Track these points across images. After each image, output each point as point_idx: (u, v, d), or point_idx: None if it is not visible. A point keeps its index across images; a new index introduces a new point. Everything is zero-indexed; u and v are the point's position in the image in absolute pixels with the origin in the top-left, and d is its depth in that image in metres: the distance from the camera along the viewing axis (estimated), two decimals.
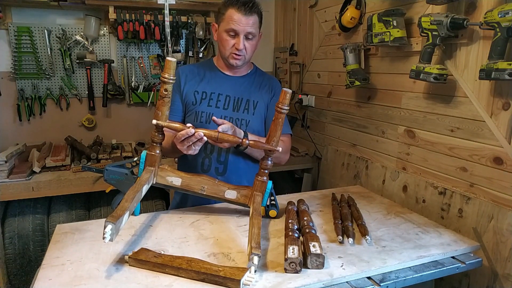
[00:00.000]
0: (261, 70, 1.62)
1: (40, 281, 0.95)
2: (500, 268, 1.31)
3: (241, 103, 1.49)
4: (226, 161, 1.48)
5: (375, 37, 1.71)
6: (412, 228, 1.29)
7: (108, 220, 0.93)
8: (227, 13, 1.39)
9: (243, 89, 1.51)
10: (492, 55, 1.22)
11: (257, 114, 1.50)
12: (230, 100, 1.49)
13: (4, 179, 1.93)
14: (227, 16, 1.39)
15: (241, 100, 1.49)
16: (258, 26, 1.43)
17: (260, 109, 1.51)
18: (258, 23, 1.42)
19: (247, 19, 1.37)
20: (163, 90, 1.17)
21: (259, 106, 1.51)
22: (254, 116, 1.50)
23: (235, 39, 1.40)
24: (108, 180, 1.28)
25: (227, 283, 0.92)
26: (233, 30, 1.38)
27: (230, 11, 1.38)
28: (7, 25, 2.33)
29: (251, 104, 1.50)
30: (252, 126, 1.49)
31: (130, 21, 2.40)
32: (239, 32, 1.38)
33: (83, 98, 2.59)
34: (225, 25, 1.39)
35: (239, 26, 1.37)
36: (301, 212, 1.28)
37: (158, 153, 1.25)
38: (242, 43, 1.39)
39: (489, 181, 1.37)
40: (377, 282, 1.00)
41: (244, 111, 1.49)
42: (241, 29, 1.37)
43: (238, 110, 1.49)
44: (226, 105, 1.48)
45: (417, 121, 1.68)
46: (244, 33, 1.39)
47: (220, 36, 1.43)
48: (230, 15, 1.38)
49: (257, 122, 1.51)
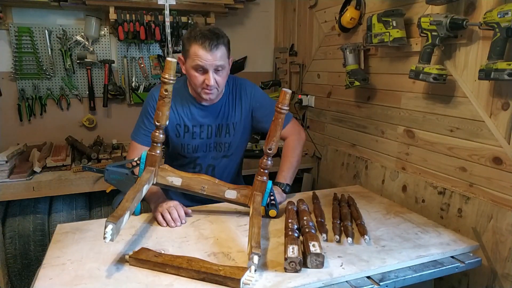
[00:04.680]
0: (233, 81, 1.55)
1: (41, 280, 0.95)
2: (500, 267, 1.31)
3: (222, 128, 1.52)
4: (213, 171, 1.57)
5: (374, 38, 1.71)
6: (411, 227, 1.29)
7: (108, 220, 0.93)
8: (192, 50, 1.31)
9: (220, 114, 1.51)
10: (491, 55, 1.23)
11: (237, 133, 1.54)
12: (212, 129, 1.50)
13: (5, 179, 1.93)
14: (192, 52, 1.31)
15: (221, 125, 1.51)
16: (226, 56, 1.36)
17: (240, 126, 1.54)
18: (226, 53, 1.35)
19: (213, 54, 1.30)
20: (164, 91, 1.17)
21: (238, 126, 1.53)
22: (234, 136, 1.54)
23: (204, 75, 1.34)
24: (109, 180, 1.28)
25: (227, 282, 0.93)
26: (200, 66, 1.32)
27: (194, 47, 1.30)
28: (7, 25, 2.33)
29: (231, 126, 1.53)
30: (234, 144, 1.56)
31: (131, 21, 2.40)
32: (207, 68, 1.32)
33: (84, 98, 2.59)
34: (191, 61, 1.33)
35: (206, 62, 1.30)
36: (301, 212, 1.28)
37: (158, 153, 1.25)
38: (212, 79, 1.33)
39: (489, 181, 1.38)
40: (377, 281, 1.00)
41: (226, 135, 1.53)
42: (209, 64, 1.31)
43: (220, 135, 1.52)
44: (209, 135, 1.51)
45: (416, 121, 1.68)
46: (213, 68, 1.33)
47: (188, 72, 1.37)
48: (195, 51, 1.30)
49: (237, 139, 1.56)
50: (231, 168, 1.62)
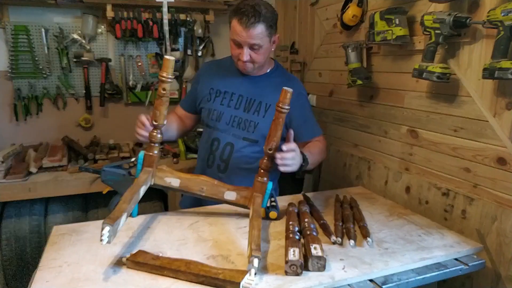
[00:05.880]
0: (283, 69, 1.59)
1: (37, 283, 0.94)
2: (504, 269, 1.29)
3: (253, 104, 1.48)
4: (228, 160, 1.48)
5: (377, 36, 1.69)
6: (414, 229, 1.27)
7: (105, 222, 0.91)
8: (232, 24, 1.37)
9: (256, 90, 1.49)
10: (495, 54, 1.21)
11: (268, 117, 1.45)
12: (242, 100, 1.49)
13: (1, 180, 1.91)
14: (232, 26, 1.37)
15: (253, 101, 1.49)
16: (265, 35, 1.37)
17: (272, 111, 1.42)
18: (265, 32, 1.36)
19: (249, 32, 1.33)
20: (162, 90, 1.15)
21: (271, 109, 1.46)
22: (264, 118, 1.47)
23: (239, 49, 1.38)
24: (106, 181, 1.27)
25: (226, 285, 0.91)
26: (236, 41, 1.37)
27: (233, 21, 1.36)
28: (4, 23, 2.31)
29: (263, 106, 1.48)
30: (260, 128, 1.47)
31: (128, 19, 2.38)
32: (242, 44, 1.36)
33: (80, 97, 2.56)
34: (231, 34, 1.39)
35: (241, 38, 1.34)
36: (302, 214, 1.26)
37: (156, 153, 1.23)
38: (246, 55, 1.37)
39: (493, 181, 1.36)
40: (379, 284, 0.99)
41: (255, 113, 1.48)
42: (243, 41, 1.35)
43: (249, 111, 1.48)
44: (237, 105, 1.49)
45: (420, 121, 1.66)
46: (247, 45, 1.36)
47: (230, 43, 1.42)
48: (233, 26, 1.36)
49: (266, 124, 1.40)
50: (249, 159, 1.47)
